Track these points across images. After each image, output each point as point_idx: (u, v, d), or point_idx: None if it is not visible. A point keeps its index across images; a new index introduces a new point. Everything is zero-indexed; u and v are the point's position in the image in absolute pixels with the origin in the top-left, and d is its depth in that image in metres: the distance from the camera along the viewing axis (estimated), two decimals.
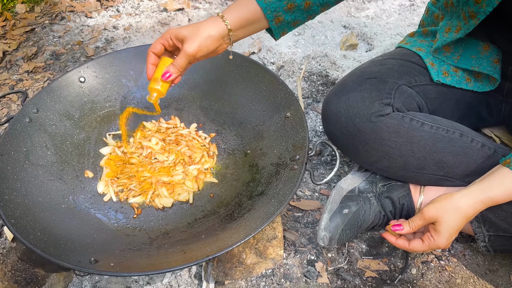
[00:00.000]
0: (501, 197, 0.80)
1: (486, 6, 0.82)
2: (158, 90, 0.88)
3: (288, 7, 0.86)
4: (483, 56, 0.98)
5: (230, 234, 0.83)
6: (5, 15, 2.03)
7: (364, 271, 0.98)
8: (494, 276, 0.98)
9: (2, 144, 0.96)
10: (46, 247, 0.79)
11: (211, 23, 0.84)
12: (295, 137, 0.98)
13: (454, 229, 0.81)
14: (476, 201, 0.80)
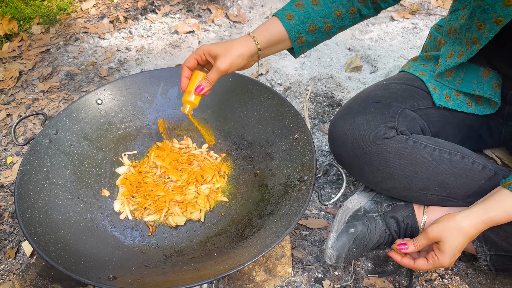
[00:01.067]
0: (501, 217, 0.83)
1: (488, 32, 0.86)
2: (191, 102, 0.95)
3: (311, 29, 0.95)
4: (484, 81, 1.02)
5: (241, 253, 0.87)
6: (21, 35, 2.11)
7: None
8: None
9: (24, 164, 1.01)
10: (67, 264, 0.83)
11: (243, 42, 0.92)
12: (303, 159, 1.02)
13: (458, 248, 0.84)
14: (478, 222, 0.83)
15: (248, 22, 2.00)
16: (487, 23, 0.85)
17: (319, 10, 0.94)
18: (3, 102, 1.73)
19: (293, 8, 0.95)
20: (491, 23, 0.84)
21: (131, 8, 2.18)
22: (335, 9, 0.95)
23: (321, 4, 0.94)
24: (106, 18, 2.12)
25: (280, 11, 0.96)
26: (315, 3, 0.94)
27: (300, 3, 0.95)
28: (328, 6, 0.94)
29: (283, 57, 1.77)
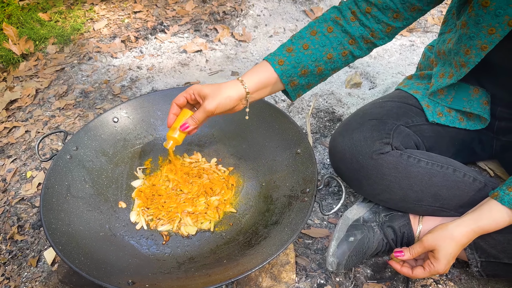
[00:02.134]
0: (490, 226, 0.90)
1: (474, 57, 0.94)
2: (175, 138, 0.99)
3: (302, 72, 0.99)
4: (474, 99, 1.09)
5: (249, 259, 0.95)
6: (37, 55, 2.21)
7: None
8: None
9: (47, 178, 1.10)
10: (90, 271, 0.91)
11: (231, 85, 0.96)
12: (305, 172, 1.10)
13: (451, 255, 0.90)
14: (469, 230, 0.90)
15: (253, 41, 2.09)
16: (473, 49, 0.93)
17: (310, 55, 0.97)
18: (21, 119, 1.83)
19: (283, 54, 0.98)
20: (477, 49, 0.92)
21: (141, 28, 2.29)
22: (326, 52, 0.98)
23: (312, 49, 0.97)
24: (117, 38, 2.23)
25: (270, 56, 0.99)
26: (305, 47, 0.97)
27: (290, 48, 0.98)
28: (319, 50, 0.98)
29: None
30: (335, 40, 0.98)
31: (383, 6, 0.94)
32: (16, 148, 1.68)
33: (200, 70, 1.94)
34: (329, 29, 0.99)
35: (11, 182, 1.54)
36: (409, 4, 0.94)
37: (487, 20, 0.87)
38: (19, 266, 1.27)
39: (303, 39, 0.99)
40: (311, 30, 1.00)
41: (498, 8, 0.84)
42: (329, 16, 1.00)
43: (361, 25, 0.98)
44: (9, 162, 1.62)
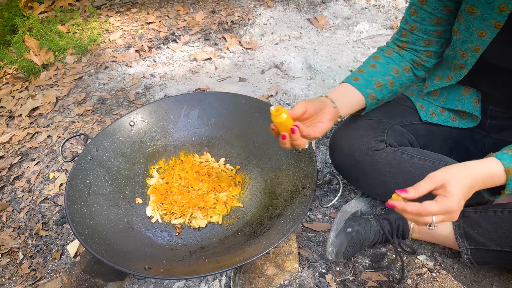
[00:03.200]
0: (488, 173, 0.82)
1: (470, 58, 1.01)
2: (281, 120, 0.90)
3: (377, 85, 1.09)
4: (465, 98, 1.17)
5: (254, 248, 1.04)
6: (56, 65, 2.35)
7: (367, 282, 1.16)
8: (479, 286, 1.14)
9: (71, 177, 1.21)
10: (111, 258, 1.01)
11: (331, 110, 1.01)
12: (306, 169, 1.19)
13: (464, 188, 0.80)
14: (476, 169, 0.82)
15: (260, 49, 2.20)
16: (468, 52, 1.00)
17: (379, 71, 1.10)
18: (43, 125, 1.96)
19: (356, 74, 1.10)
20: (471, 51, 0.99)
21: (154, 38, 2.41)
22: (392, 68, 1.11)
23: (379, 66, 1.10)
24: (132, 48, 2.35)
25: (347, 78, 1.10)
26: (373, 66, 1.11)
27: (360, 70, 1.11)
28: (385, 67, 1.10)
29: (291, 79, 1.96)
30: (396, 58, 1.12)
31: (413, 41, 1.10)
32: (39, 151, 1.81)
33: (210, 77, 2.05)
34: (388, 52, 1.14)
35: (35, 183, 1.66)
36: (432, 31, 1.06)
37: (476, 25, 0.94)
38: (45, 259, 1.38)
39: (369, 63, 1.13)
40: (373, 57, 1.15)
41: (484, 13, 0.92)
42: (383, 49, 1.17)
43: (409, 53, 1.13)
44: (33, 165, 1.74)
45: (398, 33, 1.14)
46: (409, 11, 1.07)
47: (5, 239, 1.47)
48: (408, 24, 1.09)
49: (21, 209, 1.57)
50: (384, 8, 2.36)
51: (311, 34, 2.26)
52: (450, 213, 0.79)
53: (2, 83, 2.37)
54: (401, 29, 1.12)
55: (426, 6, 1.02)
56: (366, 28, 2.22)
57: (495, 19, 0.91)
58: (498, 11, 0.90)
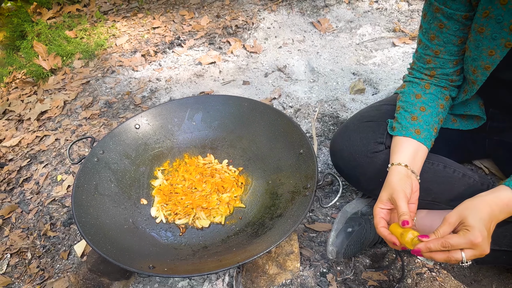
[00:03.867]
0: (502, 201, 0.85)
1: (481, 76, 1.01)
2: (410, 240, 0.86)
3: (435, 130, 1.08)
4: (471, 102, 1.17)
5: (255, 247, 1.06)
6: (64, 70, 2.40)
7: (367, 281, 1.18)
8: (478, 285, 1.15)
9: (77, 179, 1.24)
10: (116, 257, 1.04)
11: (395, 172, 1.00)
12: (307, 170, 1.21)
13: (483, 219, 0.80)
14: (487, 200, 0.84)
15: (263, 52, 2.23)
16: (478, 69, 1.00)
17: (430, 113, 1.06)
18: (51, 128, 2.00)
19: (413, 123, 1.05)
20: (482, 69, 0.99)
21: (160, 43, 2.45)
22: (438, 104, 1.08)
23: (428, 108, 1.07)
24: (138, 52, 2.39)
25: (404, 130, 1.04)
26: (423, 109, 1.06)
27: (415, 117, 1.06)
28: (433, 106, 1.07)
29: (294, 82, 1.98)
30: (436, 92, 1.09)
31: (441, 65, 1.07)
32: (47, 154, 1.85)
33: (214, 81, 2.08)
34: (426, 86, 1.09)
35: (44, 185, 1.70)
36: (457, 51, 1.04)
37: (485, 44, 0.95)
38: (52, 259, 1.42)
39: (415, 105, 1.08)
40: (412, 94, 1.10)
41: (493, 33, 0.92)
42: (416, 82, 1.12)
43: (441, 80, 1.10)
44: (41, 167, 1.78)
45: (420, 60, 1.10)
46: (428, 36, 1.05)
47: (14, 240, 1.50)
48: (431, 50, 1.06)
49: (29, 210, 1.61)
50: (387, 11, 2.38)
51: (314, 37, 2.28)
52: (476, 246, 0.78)
53: (12, 88, 2.42)
54: (424, 56, 1.09)
55: (446, 30, 1.01)
56: (368, 31, 2.24)
57: (505, 38, 0.91)
58: (508, 31, 0.89)
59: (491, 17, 0.90)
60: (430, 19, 1.03)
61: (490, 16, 0.90)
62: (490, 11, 0.90)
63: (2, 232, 1.56)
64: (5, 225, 1.58)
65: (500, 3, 0.87)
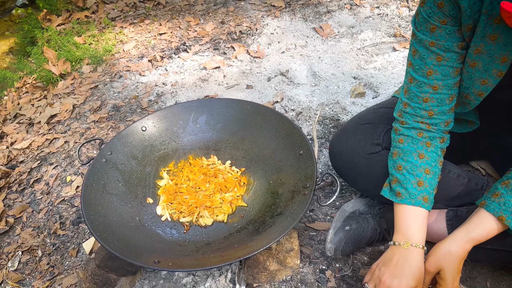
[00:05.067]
0: (481, 236, 0.93)
1: (474, 100, 1.04)
2: None
3: (435, 191, 1.06)
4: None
5: (256, 243, 1.11)
6: (73, 74, 2.47)
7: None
8: (473, 282, 1.19)
9: (87, 178, 1.30)
10: (123, 252, 1.09)
11: (415, 256, 0.98)
12: (307, 170, 1.26)
13: (455, 271, 0.94)
14: (462, 243, 0.93)
15: (266, 57, 2.28)
16: (471, 95, 1.03)
17: (433, 175, 1.04)
18: (61, 131, 2.06)
19: (421, 190, 1.02)
20: (475, 95, 1.01)
21: (166, 48, 2.52)
22: (438, 162, 1.06)
23: (431, 168, 1.04)
24: (145, 57, 2.46)
25: (413, 199, 1.02)
26: (427, 172, 1.03)
27: (421, 182, 1.02)
28: (435, 166, 1.05)
29: (296, 86, 2.03)
30: (436, 149, 1.06)
31: (440, 102, 1.02)
32: (56, 156, 1.91)
33: (218, 85, 2.13)
34: (427, 144, 1.06)
35: (53, 185, 1.76)
36: (454, 83, 1.00)
37: (478, 75, 0.97)
38: (62, 256, 1.47)
39: (420, 166, 1.04)
40: (415, 152, 1.05)
41: (485, 65, 0.94)
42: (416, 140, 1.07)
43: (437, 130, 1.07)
44: (51, 169, 1.84)
45: (415, 99, 1.04)
46: (423, 72, 1.00)
47: (25, 238, 1.56)
48: (429, 85, 1.00)
49: (40, 210, 1.67)
50: (388, 16, 2.43)
51: (316, 42, 2.33)
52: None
53: (23, 92, 2.49)
54: (418, 95, 1.03)
55: (445, 62, 0.97)
56: (369, 36, 2.29)
57: (497, 69, 0.92)
58: (499, 62, 0.91)
59: (483, 53, 0.92)
60: (423, 54, 0.98)
61: (482, 52, 0.92)
62: (482, 47, 0.91)
63: (14, 231, 1.61)
64: (17, 224, 1.64)
65: (490, 39, 0.89)
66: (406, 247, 0.98)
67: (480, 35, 0.90)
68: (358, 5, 2.56)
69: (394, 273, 0.96)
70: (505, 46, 0.88)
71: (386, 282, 0.95)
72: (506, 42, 0.87)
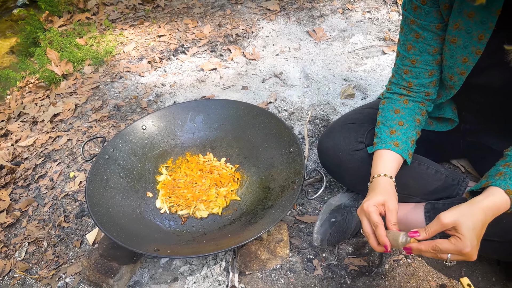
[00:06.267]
0: (492, 209, 0.88)
1: (458, 80, 1.14)
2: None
3: (411, 142, 1.17)
4: (445, 106, 1.30)
5: (248, 233, 1.20)
6: (75, 75, 2.55)
7: (349, 266, 1.32)
8: (448, 270, 1.29)
9: (91, 173, 1.39)
10: (125, 241, 1.18)
11: (385, 183, 1.07)
12: (296, 166, 1.35)
13: (476, 228, 0.85)
14: (483, 207, 0.88)
15: (261, 59, 2.37)
16: (455, 75, 1.13)
17: (408, 127, 1.15)
18: (64, 130, 2.15)
19: (392, 137, 1.14)
20: (458, 75, 1.11)
21: (165, 50, 2.61)
22: (415, 119, 1.18)
23: (406, 122, 1.16)
24: (144, 59, 2.55)
25: (384, 144, 1.13)
26: (401, 124, 1.15)
27: (393, 131, 1.14)
28: (411, 121, 1.17)
29: (289, 87, 2.13)
30: (414, 107, 1.19)
31: (417, 74, 1.16)
32: (60, 153, 2.00)
33: (215, 86, 2.23)
34: (405, 102, 1.20)
35: (57, 181, 1.85)
36: (431, 60, 1.14)
37: (459, 52, 1.07)
38: (66, 247, 1.56)
39: (394, 119, 1.17)
40: (391, 109, 1.20)
41: (465, 42, 1.04)
42: (395, 98, 1.22)
43: (418, 94, 1.20)
44: (55, 165, 1.93)
45: (398, 71, 1.20)
46: (405, 47, 1.15)
47: (32, 230, 1.65)
48: (408, 59, 1.16)
49: (45, 204, 1.76)
50: (378, 20, 2.52)
51: (309, 45, 2.43)
52: (464, 254, 0.84)
53: (26, 92, 2.58)
54: (401, 67, 1.19)
55: (422, 39, 1.11)
56: (360, 39, 2.39)
57: (475, 46, 1.02)
58: (477, 40, 1.01)
59: (461, 29, 1.03)
60: (406, 31, 1.14)
61: (461, 28, 1.03)
62: (460, 23, 1.02)
63: (20, 223, 1.70)
64: (23, 217, 1.73)
65: (468, 16, 1.00)
66: (377, 177, 1.09)
67: (458, 11, 1.01)
68: (350, 10, 2.66)
69: (367, 196, 1.05)
70: (482, 24, 0.98)
71: (363, 205, 1.02)
72: (482, 20, 0.98)
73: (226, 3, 3.03)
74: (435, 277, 1.27)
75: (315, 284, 1.29)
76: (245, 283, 1.30)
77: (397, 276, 1.28)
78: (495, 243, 1.09)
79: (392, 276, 1.28)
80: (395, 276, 1.28)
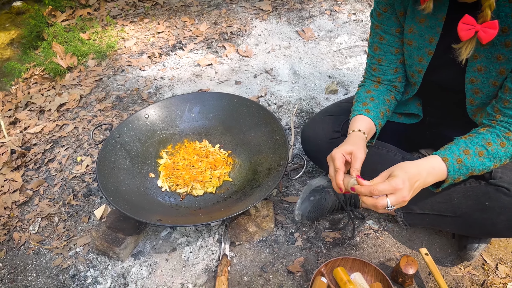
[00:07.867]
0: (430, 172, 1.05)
1: (417, 77, 1.32)
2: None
3: (381, 115, 1.31)
4: (410, 103, 1.49)
5: (238, 207, 1.39)
6: (79, 68, 2.72)
7: (325, 238, 1.52)
8: (412, 243, 1.49)
9: (100, 155, 1.57)
10: (131, 212, 1.37)
11: (357, 136, 1.21)
12: (281, 152, 1.55)
13: (409, 173, 0.99)
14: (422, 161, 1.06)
15: (254, 56, 2.56)
16: (415, 73, 1.31)
17: (378, 103, 1.31)
18: (70, 118, 2.32)
19: (364, 107, 1.29)
20: (417, 72, 1.28)
21: (164, 46, 2.78)
22: (384, 99, 1.34)
23: (376, 98, 1.32)
24: (144, 54, 2.72)
25: (357, 112, 1.28)
26: (372, 99, 1.32)
27: (365, 103, 1.30)
28: (380, 98, 1.33)
29: (278, 83, 2.32)
30: (383, 90, 1.36)
31: (384, 71, 1.34)
32: (67, 140, 2.17)
33: (210, 80, 2.41)
34: (375, 86, 1.37)
35: (66, 164, 2.03)
36: (395, 59, 1.32)
37: (415, 53, 1.26)
38: (75, 222, 1.74)
39: (367, 97, 1.33)
40: (365, 91, 1.36)
41: (419, 44, 1.23)
42: (368, 84, 1.39)
43: (386, 86, 1.38)
44: (63, 150, 2.11)
45: (369, 69, 1.38)
46: (372, 48, 1.34)
47: (43, 207, 1.83)
48: (375, 59, 1.34)
49: (54, 184, 1.93)
50: (363, 22, 2.72)
51: (298, 44, 2.62)
52: (397, 191, 0.96)
53: (32, 83, 2.74)
54: (371, 65, 1.37)
55: (385, 41, 1.29)
56: (345, 39, 2.59)
57: (428, 48, 1.20)
58: (428, 42, 1.19)
59: (415, 33, 1.22)
60: (373, 35, 1.32)
61: (414, 32, 1.22)
62: (413, 28, 1.21)
63: (33, 202, 1.88)
64: (35, 196, 1.91)
65: (419, 21, 1.19)
66: (352, 132, 1.24)
67: (411, 17, 1.21)
68: (337, 11, 2.86)
69: (340, 146, 1.18)
70: (431, 28, 1.18)
71: (332, 152, 1.16)
72: (431, 25, 1.17)
73: (222, 2, 3.21)
74: (399, 249, 1.48)
75: (295, 253, 1.49)
76: (235, 252, 1.50)
77: (367, 247, 1.49)
78: (448, 217, 1.30)
79: (362, 247, 1.49)
80: (364, 247, 1.49)
